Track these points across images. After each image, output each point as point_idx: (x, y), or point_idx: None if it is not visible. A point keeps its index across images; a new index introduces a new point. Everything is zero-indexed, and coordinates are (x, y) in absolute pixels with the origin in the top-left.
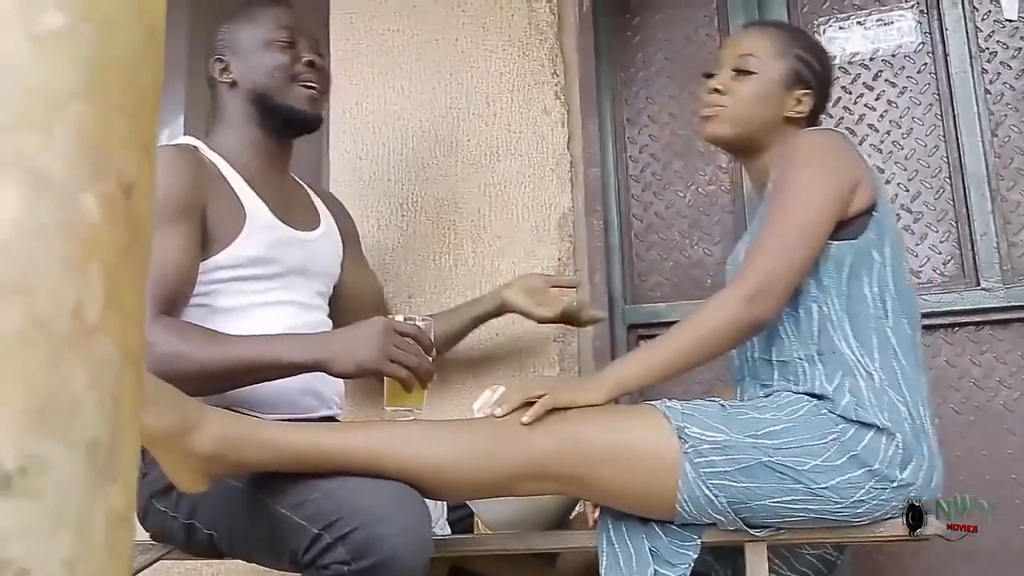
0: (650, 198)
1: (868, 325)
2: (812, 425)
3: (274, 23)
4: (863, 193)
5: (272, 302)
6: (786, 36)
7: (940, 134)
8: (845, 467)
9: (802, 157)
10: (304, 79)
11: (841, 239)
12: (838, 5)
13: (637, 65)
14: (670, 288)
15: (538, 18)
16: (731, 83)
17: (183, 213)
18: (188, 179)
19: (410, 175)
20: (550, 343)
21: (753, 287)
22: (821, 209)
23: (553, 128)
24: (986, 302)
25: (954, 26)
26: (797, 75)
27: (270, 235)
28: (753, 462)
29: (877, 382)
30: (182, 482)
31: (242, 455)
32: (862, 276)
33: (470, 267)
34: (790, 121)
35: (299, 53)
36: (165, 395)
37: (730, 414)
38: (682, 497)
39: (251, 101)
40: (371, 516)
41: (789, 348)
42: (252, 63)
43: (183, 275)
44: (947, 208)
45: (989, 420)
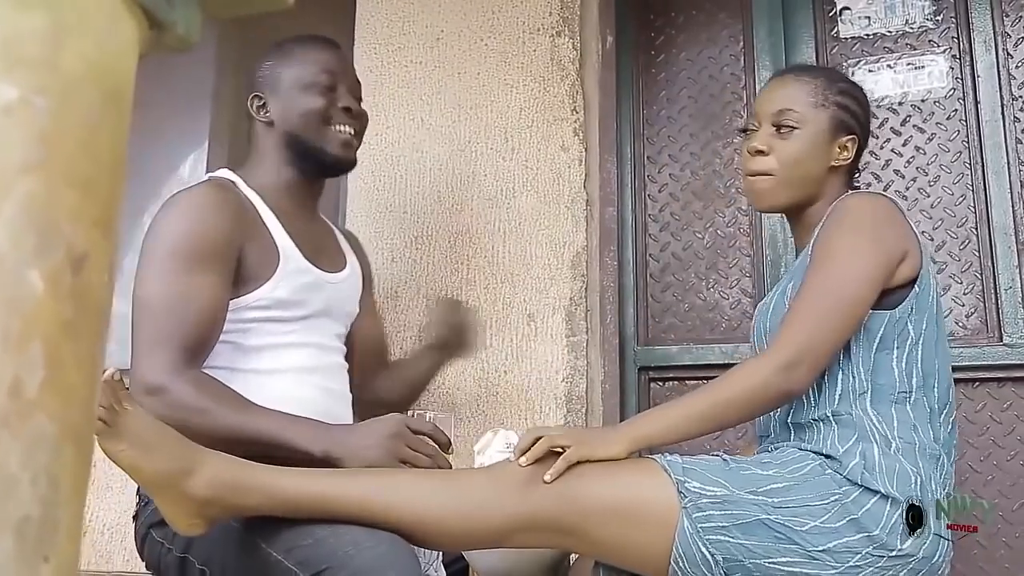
0: (667, 238)
1: (889, 398)
2: (815, 484)
3: (316, 65)
4: (909, 264)
5: (296, 343)
6: (822, 82)
7: (968, 183)
8: (843, 530)
9: (849, 223)
10: (339, 123)
11: (877, 308)
12: (868, 48)
13: (660, 103)
14: (684, 331)
15: (560, 54)
16: (773, 141)
17: (220, 256)
18: (228, 220)
19: (426, 208)
20: (558, 383)
21: (790, 356)
22: (864, 281)
23: (570, 165)
24: (1009, 358)
25: (986, 73)
26: (840, 123)
27: (301, 278)
28: (752, 519)
29: (892, 450)
30: (179, 525)
31: (238, 500)
32: (892, 348)
33: (482, 303)
34: (835, 169)
35: (337, 97)
36: (163, 438)
37: (732, 469)
38: (677, 553)
39: (286, 142)
40: (360, 568)
41: (807, 411)
42: (289, 104)
43: (213, 321)
44: (972, 259)
45: (1008, 479)
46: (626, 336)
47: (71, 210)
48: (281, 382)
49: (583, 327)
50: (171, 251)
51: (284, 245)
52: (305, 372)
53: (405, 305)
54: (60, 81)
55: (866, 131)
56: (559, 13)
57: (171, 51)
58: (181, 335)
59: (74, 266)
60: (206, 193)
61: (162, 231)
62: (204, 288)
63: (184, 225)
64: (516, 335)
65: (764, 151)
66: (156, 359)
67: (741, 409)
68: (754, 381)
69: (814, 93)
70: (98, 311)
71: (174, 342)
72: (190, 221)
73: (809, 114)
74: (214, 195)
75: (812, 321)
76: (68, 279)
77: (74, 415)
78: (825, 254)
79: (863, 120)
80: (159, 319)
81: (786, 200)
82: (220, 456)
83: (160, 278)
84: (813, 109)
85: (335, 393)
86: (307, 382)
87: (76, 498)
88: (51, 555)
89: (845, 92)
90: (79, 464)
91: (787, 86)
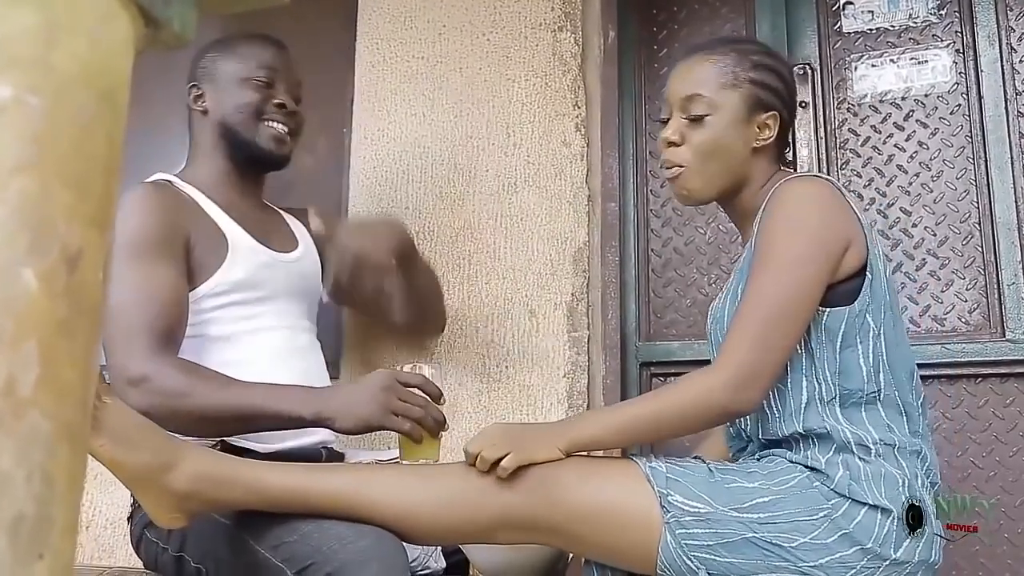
0: (670, 234)
1: (859, 401)
2: (802, 498)
3: (255, 61)
4: (855, 253)
5: (263, 328)
6: (732, 59)
7: (971, 178)
8: (835, 546)
9: (783, 216)
10: (271, 119)
11: (834, 305)
12: (871, 43)
13: (662, 98)
14: (686, 326)
15: (562, 49)
16: (685, 131)
17: (166, 247)
18: (166, 214)
19: (427, 203)
20: (560, 379)
21: (739, 376)
22: (807, 283)
23: (572, 161)
24: (1011, 354)
25: (990, 67)
26: (757, 101)
27: (254, 258)
28: (737, 537)
29: (873, 455)
30: (160, 518)
31: (219, 494)
32: (856, 344)
33: (483, 298)
34: (759, 151)
35: (273, 94)
36: (143, 432)
37: (716, 481)
38: (663, 564)
39: (220, 133)
40: (344, 562)
41: (774, 426)
42: (225, 96)
43: (178, 306)
44: (975, 255)
45: (1010, 475)
46: (628, 332)
47: (65, 209)
48: (255, 369)
49: (584, 323)
50: (122, 247)
51: (230, 230)
52: (278, 356)
53: None
54: (53, 80)
55: (789, 104)
56: (561, 8)
57: (167, 48)
58: (151, 324)
59: (69, 265)
60: (143, 192)
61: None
62: (162, 276)
63: (129, 223)
64: (517, 331)
65: (676, 142)
66: (133, 349)
67: (684, 423)
68: (701, 398)
69: (724, 73)
70: (92, 309)
71: (147, 331)
72: (134, 218)
73: (720, 97)
74: (147, 193)
75: (756, 339)
76: (63, 278)
77: (69, 413)
78: (765, 259)
79: (784, 94)
80: (127, 311)
81: (709, 192)
82: (201, 450)
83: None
84: (724, 90)
85: (312, 374)
86: (282, 366)
87: (71, 496)
88: (46, 553)
89: (760, 66)
90: (74, 462)
91: (694, 69)
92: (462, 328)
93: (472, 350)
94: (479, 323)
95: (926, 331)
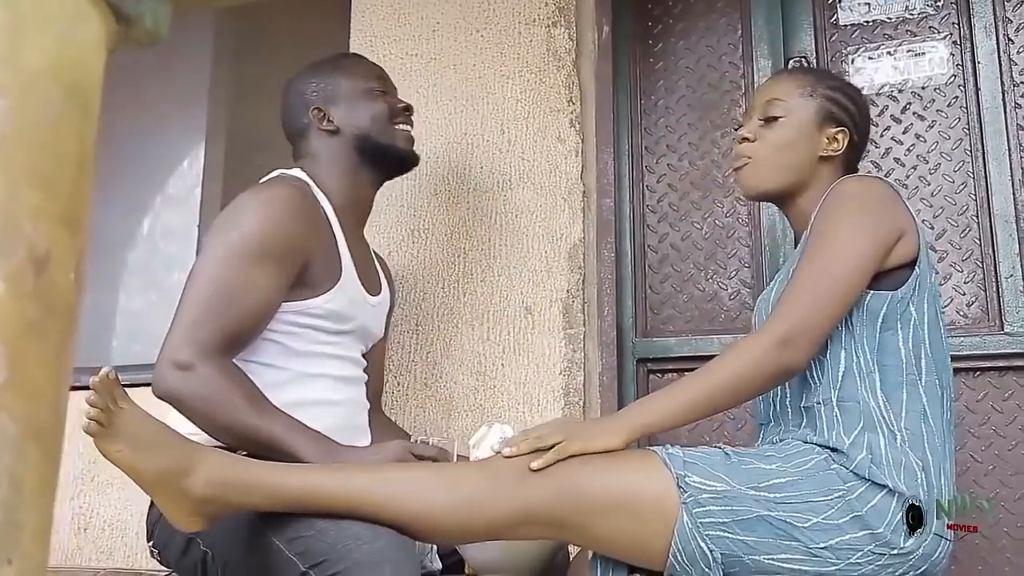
0: (666, 229)
1: (899, 380)
2: (818, 480)
3: (369, 74)
4: (906, 245)
5: (334, 355)
6: (812, 77)
7: (968, 170)
8: (846, 527)
9: (843, 204)
10: (401, 121)
11: (879, 289)
12: (868, 35)
13: (657, 93)
14: (683, 322)
15: (556, 44)
16: (760, 131)
17: (286, 258)
18: (303, 224)
19: (422, 201)
20: (556, 376)
21: (784, 332)
22: (859, 259)
23: (567, 157)
24: (1010, 347)
25: (987, 59)
26: (827, 113)
27: (353, 295)
28: (752, 515)
29: (899, 442)
30: (179, 522)
31: (237, 498)
32: (896, 329)
33: (479, 296)
34: (826, 160)
35: (393, 99)
36: (160, 436)
37: (733, 463)
38: (676, 548)
39: (355, 146)
40: (357, 562)
41: (813, 393)
42: (354, 110)
43: (259, 319)
44: (973, 248)
45: (1009, 469)
46: (624, 328)
47: (32, 209)
48: (318, 386)
49: (580, 319)
50: (237, 240)
51: (346, 259)
52: (338, 381)
53: (403, 299)
54: (20, 78)
55: (859, 127)
56: (555, 3)
57: (140, 46)
58: (223, 322)
59: (36, 266)
60: (285, 192)
61: (233, 219)
62: (261, 285)
63: (257, 219)
64: (513, 328)
65: (749, 138)
66: (191, 337)
67: (740, 389)
68: (750, 359)
69: (803, 85)
70: (64, 311)
71: (214, 327)
72: (267, 216)
73: (795, 103)
74: (293, 196)
75: (807, 298)
76: (30, 279)
77: (39, 415)
78: (820, 236)
79: (856, 116)
80: (207, 301)
81: (770, 184)
82: (218, 453)
83: (221, 264)
84: (800, 99)
85: (359, 403)
86: (340, 390)
87: (42, 499)
88: (14, 557)
89: (835, 88)
90: (44, 465)
91: (777, 80)
92: (457, 326)
93: (467, 347)
94: (474, 320)
95: None
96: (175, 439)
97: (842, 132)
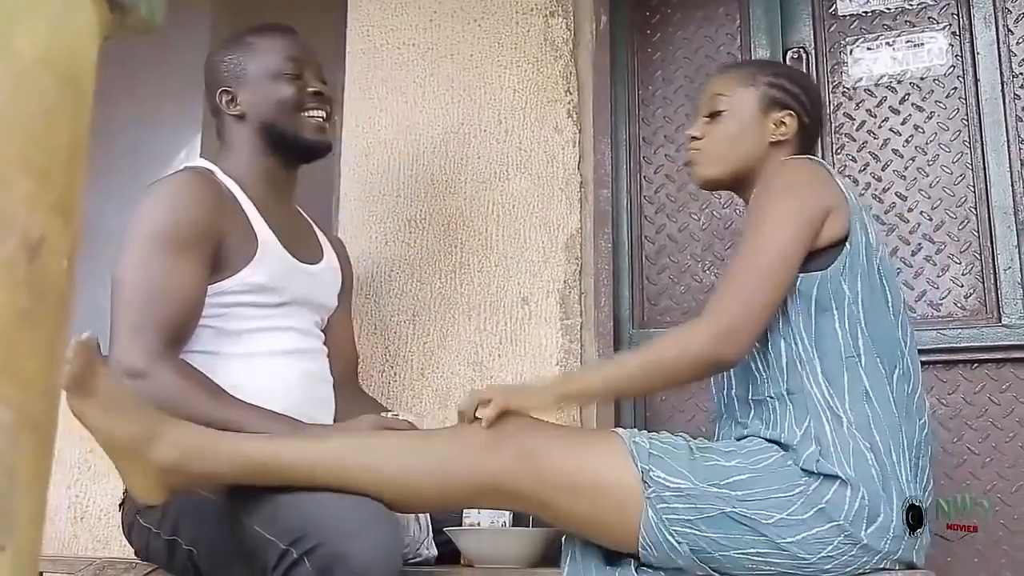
0: (663, 220)
1: (838, 363)
2: (779, 476)
3: (281, 53)
4: (835, 223)
5: (276, 327)
6: (753, 68)
7: (967, 162)
8: (811, 521)
9: (768, 191)
10: (311, 108)
11: (809, 271)
12: (867, 26)
13: (655, 83)
14: (680, 313)
15: (554, 34)
16: (706, 127)
17: (199, 242)
18: (207, 207)
19: (419, 191)
20: (552, 367)
21: (721, 327)
22: (785, 245)
23: (564, 147)
24: (1007, 339)
25: (986, 50)
26: (771, 99)
27: (278, 264)
28: (716, 512)
29: (845, 425)
30: (139, 491)
31: (202, 466)
32: (832, 311)
33: (475, 286)
34: (777, 145)
35: (305, 83)
36: (131, 404)
37: (696, 459)
38: (644, 540)
39: (260, 132)
40: (337, 532)
41: (762, 386)
42: (260, 95)
43: (193, 306)
44: (971, 239)
45: (1006, 461)
46: (621, 319)
47: (26, 197)
48: (264, 364)
49: (577, 310)
50: (150, 236)
51: (261, 232)
52: (287, 355)
53: (399, 289)
54: (13, 66)
55: (809, 108)
56: None
57: (135, 34)
58: (161, 320)
59: (29, 253)
60: (186, 181)
61: (142, 217)
62: (183, 274)
63: (164, 212)
64: (510, 318)
65: (697, 136)
66: (137, 343)
67: (672, 376)
68: (685, 350)
69: (743, 76)
70: (57, 298)
71: (154, 328)
72: (170, 208)
73: (737, 95)
74: (193, 183)
75: (738, 292)
76: (23, 266)
77: (32, 403)
78: (747, 225)
79: (802, 97)
80: (139, 303)
81: (718, 172)
82: (185, 424)
83: (140, 262)
84: (741, 89)
85: (316, 376)
86: (290, 365)
87: (35, 487)
88: (7, 545)
89: (777, 74)
90: (39, 453)
91: (721, 75)
92: (454, 316)
93: (464, 338)
94: (471, 311)
95: (922, 317)
96: (144, 407)
97: (789, 115)
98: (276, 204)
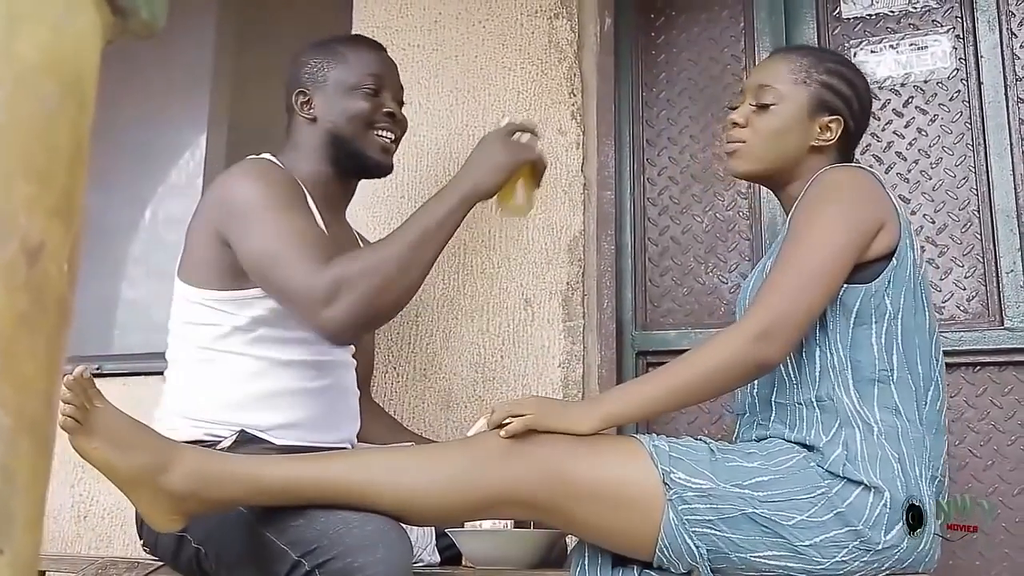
0: (666, 222)
1: (871, 376)
2: (800, 478)
3: (364, 68)
4: (885, 237)
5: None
6: (808, 61)
7: (970, 165)
8: (829, 524)
9: (824, 194)
10: (381, 128)
11: (853, 283)
12: (870, 28)
13: (659, 85)
14: (683, 315)
15: (558, 36)
16: (751, 116)
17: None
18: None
19: (423, 192)
20: (555, 368)
21: (762, 327)
22: (838, 251)
23: (568, 149)
24: (1010, 342)
25: (990, 53)
26: (821, 101)
27: None
28: (737, 513)
29: (875, 434)
30: (156, 521)
31: (215, 493)
32: (870, 324)
33: (478, 287)
34: (818, 150)
35: (382, 102)
36: (137, 433)
37: (717, 460)
38: (663, 543)
39: (327, 139)
40: (350, 547)
41: (789, 391)
42: (334, 104)
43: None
44: (974, 242)
45: (1008, 464)
46: (624, 321)
47: (26, 201)
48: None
49: (580, 312)
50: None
51: None
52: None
53: None
54: (14, 71)
55: (857, 114)
56: None
57: (137, 38)
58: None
59: (29, 257)
60: (264, 164)
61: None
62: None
63: (259, 183)
64: (513, 320)
65: (740, 123)
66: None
67: (717, 383)
68: (728, 353)
69: (797, 70)
70: (56, 302)
71: (311, 253)
72: (263, 179)
73: (789, 91)
74: (271, 166)
75: (785, 292)
76: (22, 270)
77: (31, 407)
78: (799, 227)
79: (853, 103)
80: (286, 249)
81: (757, 169)
82: (195, 450)
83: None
84: (793, 86)
85: (343, 389)
86: (318, 376)
87: (34, 490)
88: (6, 548)
89: (833, 72)
90: (37, 456)
91: (772, 63)
92: (456, 318)
93: (467, 339)
94: (474, 312)
95: None
96: (152, 436)
97: (836, 121)
98: (329, 211)
